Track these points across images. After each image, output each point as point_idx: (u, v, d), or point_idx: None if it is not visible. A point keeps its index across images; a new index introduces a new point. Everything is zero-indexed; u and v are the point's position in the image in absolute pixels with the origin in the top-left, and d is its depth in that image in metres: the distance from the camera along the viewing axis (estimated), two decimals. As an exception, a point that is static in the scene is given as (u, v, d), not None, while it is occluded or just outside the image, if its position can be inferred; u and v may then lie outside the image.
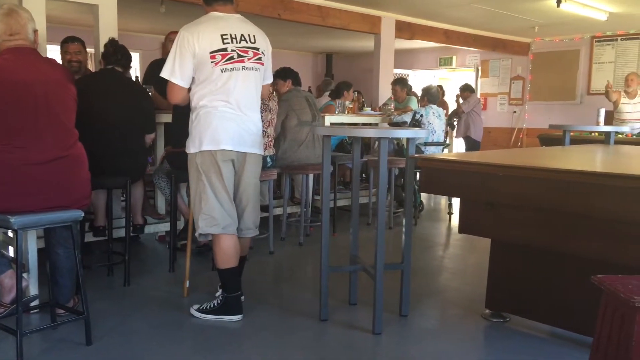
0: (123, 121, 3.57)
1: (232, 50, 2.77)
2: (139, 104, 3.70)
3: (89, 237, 3.85)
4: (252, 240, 3.19)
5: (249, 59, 2.81)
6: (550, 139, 5.74)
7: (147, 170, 4.11)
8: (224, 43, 2.75)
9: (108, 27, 4.65)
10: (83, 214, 2.66)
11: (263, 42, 2.92)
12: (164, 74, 2.78)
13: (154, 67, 4.95)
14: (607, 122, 5.35)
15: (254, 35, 2.85)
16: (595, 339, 1.94)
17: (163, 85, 4.68)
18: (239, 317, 2.97)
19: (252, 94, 2.88)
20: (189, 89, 2.84)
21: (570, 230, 2.44)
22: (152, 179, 4.16)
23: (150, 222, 4.23)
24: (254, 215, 3.03)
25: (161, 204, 4.47)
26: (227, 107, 2.79)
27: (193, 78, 2.80)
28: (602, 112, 5.12)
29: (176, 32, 4.87)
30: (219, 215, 2.84)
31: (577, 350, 2.63)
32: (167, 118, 4.06)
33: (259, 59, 2.87)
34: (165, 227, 4.30)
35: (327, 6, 6.85)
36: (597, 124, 5.07)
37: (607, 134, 4.62)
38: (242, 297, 3.04)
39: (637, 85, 6.52)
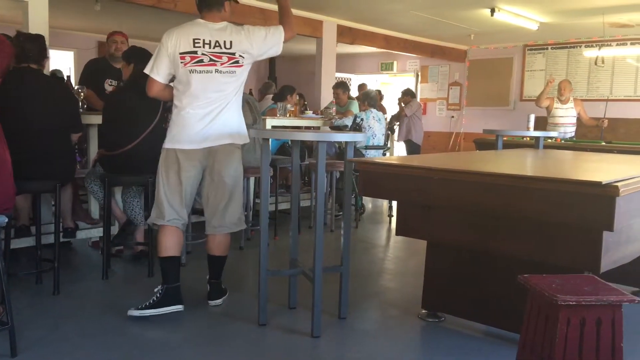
0: (44, 123, 3.37)
1: (203, 54, 2.95)
2: (60, 103, 3.49)
3: (16, 244, 3.66)
4: (222, 243, 3.20)
5: (222, 64, 2.98)
6: (485, 143, 5.94)
7: (79, 173, 3.96)
8: (194, 46, 2.95)
9: (38, 24, 4.47)
10: (7, 219, 2.52)
11: (242, 46, 3.00)
12: (146, 70, 3.03)
13: (90, 67, 4.79)
14: (537, 127, 5.59)
15: (230, 42, 2.99)
16: (522, 336, 2.01)
17: (99, 85, 4.57)
18: (180, 307, 3.02)
19: (221, 94, 3.00)
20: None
21: (499, 231, 2.53)
22: (83, 182, 4.01)
23: (83, 227, 4.07)
24: (229, 213, 3.12)
25: (95, 209, 4.32)
26: (198, 108, 2.97)
27: (175, 78, 3.03)
28: (532, 117, 5.35)
29: (116, 33, 4.79)
30: (165, 209, 3.03)
31: (509, 348, 2.70)
32: (99, 119, 3.93)
33: (235, 62, 3.01)
34: (98, 232, 4.15)
35: (269, 9, 6.82)
36: (528, 129, 5.29)
37: (537, 138, 4.83)
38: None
39: (569, 92, 6.85)
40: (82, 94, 4.04)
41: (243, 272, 4.04)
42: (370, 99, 5.91)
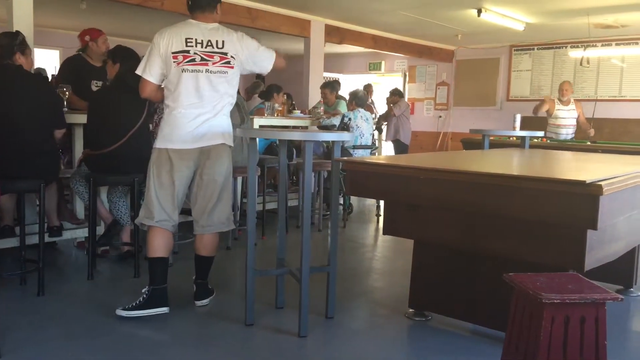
0: (26, 119, 3.34)
1: (195, 54, 2.94)
2: (41, 98, 3.45)
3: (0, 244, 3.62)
4: (210, 243, 3.19)
5: (214, 63, 2.97)
6: (472, 142, 5.97)
7: (64, 172, 3.92)
8: (187, 46, 2.94)
9: (22, 22, 4.42)
10: (-10, 220, 2.49)
11: (234, 47, 3.01)
12: (138, 71, 3.02)
13: (68, 66, 4.70)
14: (524, 127, 5.61)
15: (222, 41, 3.00)
16: (508, 334, 2.03)
17: (82, 83, 4.51)
18: (165, 309, 3.01)
19: (215, 94, 3.00)
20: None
21: (485, 230, 2.54)
22: (69, 183, 3.97)
23: (68, 228, 4.03)
24: (218, 212, 3.12)
25: (80, 209, 4.28)
26: (190, 108, 2.96)
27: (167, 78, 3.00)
28: (519, 117, 5.38)
29: (90, 30, 4.69)
30: (155, 209, 3.01)
31: (495, 346, 2.71)
32: (84, 119, 3.89)
33: (227, 62, 3.01)
34: (84, 232, 4.11)
35: (257, 8, 6.81)
36: (514, 128, 5.32)
37: (523, 138, 4.87)
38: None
39: (571, 93, 6.90)
40: (66, 92, 4.00)
41: (230, 271, 4.03)
42: (358, 99, 5.92)
